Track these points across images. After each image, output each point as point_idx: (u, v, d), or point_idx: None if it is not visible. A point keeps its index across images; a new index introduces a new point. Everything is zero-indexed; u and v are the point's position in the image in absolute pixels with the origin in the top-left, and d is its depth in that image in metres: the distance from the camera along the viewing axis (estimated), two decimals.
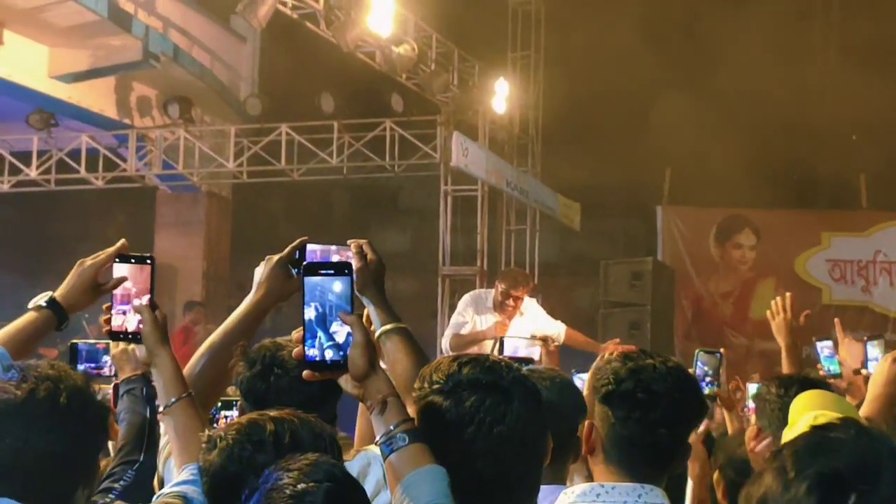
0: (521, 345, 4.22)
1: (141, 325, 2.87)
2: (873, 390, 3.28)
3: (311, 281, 2.30)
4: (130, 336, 2.90)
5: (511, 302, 8.12)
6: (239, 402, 3.09)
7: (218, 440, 2.40)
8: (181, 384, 2.84)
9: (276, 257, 3.13)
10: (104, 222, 15.49)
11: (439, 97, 13.41)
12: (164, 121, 14.40)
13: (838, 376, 4.72)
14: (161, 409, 2.84)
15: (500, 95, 13.99)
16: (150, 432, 2.85)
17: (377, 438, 2.25)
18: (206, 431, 2.50)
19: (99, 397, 3.85)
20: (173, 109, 13.97)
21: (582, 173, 16.37)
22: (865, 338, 4.61)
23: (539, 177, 15.25)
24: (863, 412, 3.14)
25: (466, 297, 8.66)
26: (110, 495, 3.24)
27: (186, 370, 2.99)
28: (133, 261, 2.92)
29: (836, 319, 5.13)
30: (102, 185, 14.58)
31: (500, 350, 4.85)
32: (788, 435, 2.72)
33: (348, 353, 2.27)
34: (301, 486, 2.11)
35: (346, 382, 2.30)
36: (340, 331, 2.28)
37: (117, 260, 2.92)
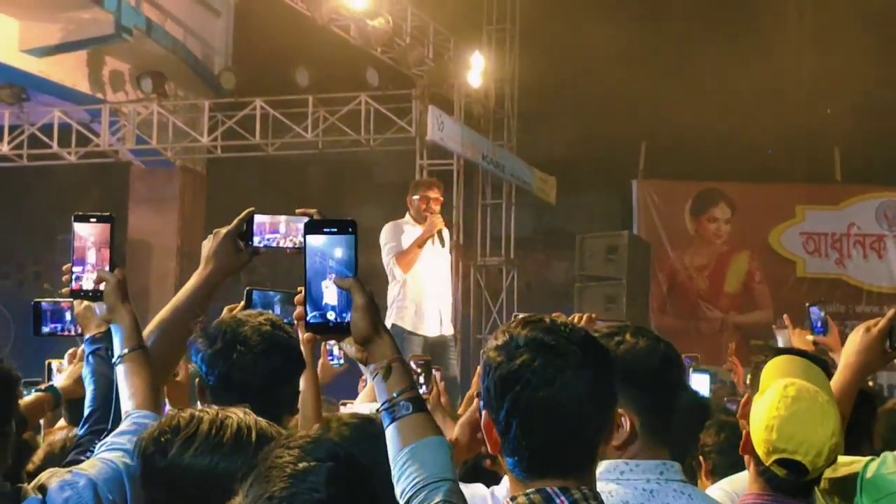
0: None
1: (102, 286, 2.88)
2: (846, 359, 3.32)
3: (312, 240, 2.21)
4: (91, 294, 2.90)
5: (434, 206, 8.80)
6: (198, 380, 3.07)
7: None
8: (137, 337, 2.86)
9: (223, 230, 3.10)
10: (78, 198, 15.35)
11: (414, 71, 13.35)
12: (136, 95, 14.27)
13: None
14: (115, 359, 2.86)
15: (476, 69, 13.90)
16: (117, 397, 2.82)
17: (378, 405, 2.19)
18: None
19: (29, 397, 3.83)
20: (146, 84, 13.84)
21: (558, 147, 16.33)
22: (807, 304, 4.66)
23: (515, 151, 15.20)
24: (835, 380, 3.16)
25: (387, 231, 8.88)
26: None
27: None
28: (93, 220, 2.90)
29: (784, 316, 5.18)
30: (75, 161, 14.46)
31: None
32: (758, 400, 2.73)
33: (351, 315, 2.18)
34: (302, 464, 2.01)
35: (349, 346, 2.21)
36: (331, 290, 2.18)
37: (76, 220, 2.89)
